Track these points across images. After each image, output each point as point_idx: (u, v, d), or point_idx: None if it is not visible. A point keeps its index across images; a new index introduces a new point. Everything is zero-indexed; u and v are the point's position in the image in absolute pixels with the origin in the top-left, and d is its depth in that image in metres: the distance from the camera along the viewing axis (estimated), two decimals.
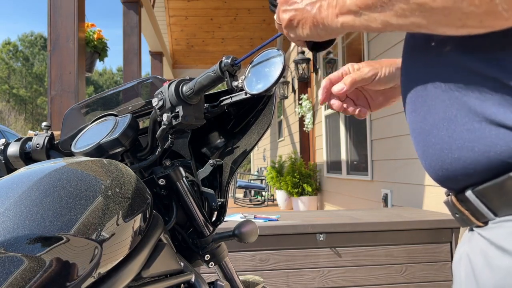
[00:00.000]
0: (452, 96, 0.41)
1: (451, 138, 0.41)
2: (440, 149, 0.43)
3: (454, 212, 0.46)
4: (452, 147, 0.41)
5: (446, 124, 0.42)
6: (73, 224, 0.47)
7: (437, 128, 0.43)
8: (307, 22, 0.50)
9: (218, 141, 0.82)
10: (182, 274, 0.65)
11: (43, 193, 0.48)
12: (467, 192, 0.42)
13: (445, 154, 0.42)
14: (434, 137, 0.44)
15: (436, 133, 0.43)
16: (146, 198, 0.59)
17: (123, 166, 0.61)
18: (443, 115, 0.42)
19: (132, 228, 0.54)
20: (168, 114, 0.66)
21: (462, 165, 0.41)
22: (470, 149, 0.39)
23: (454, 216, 0.47)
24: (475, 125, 0.39)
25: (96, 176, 0.55)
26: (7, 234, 0.43)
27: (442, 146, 0.42)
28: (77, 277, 0.45)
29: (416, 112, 0.46)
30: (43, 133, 0.80)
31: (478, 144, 0.39)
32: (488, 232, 0.41)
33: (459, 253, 0.47)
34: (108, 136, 0.70)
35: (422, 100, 0.45)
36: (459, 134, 0.40)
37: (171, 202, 0.73)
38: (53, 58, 2.38)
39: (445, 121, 0.42)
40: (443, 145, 0.42)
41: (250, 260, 1.88)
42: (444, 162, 0.43)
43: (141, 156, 0.74)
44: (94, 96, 0.85)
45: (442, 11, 0.36)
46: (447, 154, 0.42)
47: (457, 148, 0.41)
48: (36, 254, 0.43)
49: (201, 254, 0.76)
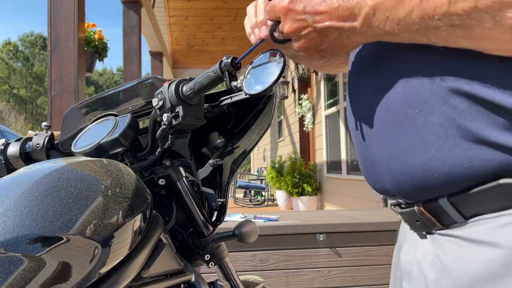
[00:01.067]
0: (434, 112, 0.43)
1: (431, 156, 0.44)
2: (420, 165, 0.45)
3: (415, 220, 0.50)
4: (432, 164, 0.44)
5: (427, 142, 0.44)
6: (73, 224, 0.47)
7: (416, 146, 0.45)
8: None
9: (218, 141, 0.82)
10: (182, 274, 0.65)
11: (43, 193, 0.48)
12: (441, 200, 0.45)
13: (425, 170, 0.45)
14: (413, 154, 0.45)
15: (416, 151, 0.45)
16: (146, 198, 0.59)
17: (123, 166, 0.61)
18: (424, 134, 0.44)
19: (132, 228, 0.54)
20: (168, 114, 0.66)
21: (442, 178, 0.44)
22: (449, 164, 0.43)
23: (413, 223, 0.51)
24: (459, 141, 0.42)
25: (96, 176, 0.55)
26: (7, 234, 0.43)
27: (422, 163, 0.45)
28: (77, 277, 0.45)
29: (390, 132, 0.48)
30: (43, 133, 0.80)
31: (459, 160, 0.42)
32: (462, 232, 0.44)
33: (420, 254, 0.50)
34: (108, 136, 0.70)
35: (398, 117, 0.47)
36: (441, 151, 0.43)
37: (171, 202, 0.73)
38: (53, 58, 2.38)
39: (425, 139, 0.44)
40: (422, 162, 0.45)
41: (250, 260, 1.88)
42: (420, 176, 0.45)
43: (141, 156, 0.74)
44: (94, 96, 0.85)
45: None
46: (426, 170, 0.45)
47: (437, 164, 0.43)
48: (36, 254, 0.43)
49: (201, 254, 0.76)
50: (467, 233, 0.43)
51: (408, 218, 0.51)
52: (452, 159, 0.42)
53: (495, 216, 0.41)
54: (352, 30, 0.45)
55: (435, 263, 0.46)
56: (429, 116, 0.43)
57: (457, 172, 0.42)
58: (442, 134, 0.42)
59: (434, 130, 0.43)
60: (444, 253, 0.45)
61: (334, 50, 0.48)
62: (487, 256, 0.40)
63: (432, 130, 0.43)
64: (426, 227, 0.49)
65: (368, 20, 0.43)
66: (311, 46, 0.49)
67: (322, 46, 0.48)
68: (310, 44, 0.49)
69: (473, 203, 0.43)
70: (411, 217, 0.50)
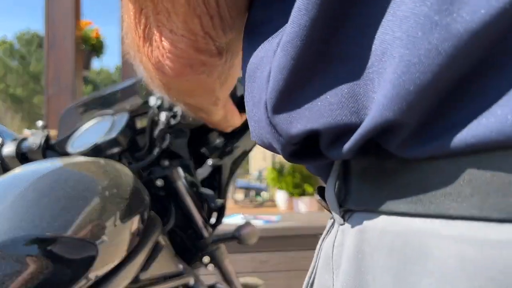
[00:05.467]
0: None
1: None
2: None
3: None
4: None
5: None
6: (70, 226, 0.46)
7: None
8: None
9: (217, 141, 0.81)
10: (181, 277, 0.64)
11: (40, 194, 0.48)
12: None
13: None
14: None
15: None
16: (144, 199, 0.58)
17: (121, 166, 0.60)
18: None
19: (130, 230, 0.53)
20: (166, 113, 0.65)
21: None
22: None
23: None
24: None
25: (94, 177, 0.54)
26: (3, 235, 0.43)
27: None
28: (74, 280, 0.45)
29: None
30: (39, 133, 0.78)
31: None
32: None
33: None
34: (106, 136, 0.69)
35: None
36: None
37: (169, 203, 0.73)
38: (50, 57, 2.36)
39: None
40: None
41: (250, 262, 1.87)
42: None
43: (139, 156, 0.73)
44: (92, 95, 0.84)
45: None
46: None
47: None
48: (32, 255, 0.43)
49: (200, 256, 0.75)
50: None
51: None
52: None
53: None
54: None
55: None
56: None
57: None
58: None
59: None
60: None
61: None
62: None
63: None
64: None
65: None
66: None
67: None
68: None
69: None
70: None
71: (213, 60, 0.33)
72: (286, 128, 0.24)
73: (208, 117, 0.54)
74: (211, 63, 0.33)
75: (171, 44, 0.31)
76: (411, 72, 0.18)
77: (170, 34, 0.30)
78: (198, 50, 0.31)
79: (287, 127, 0.23)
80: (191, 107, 0.47)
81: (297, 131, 0.23)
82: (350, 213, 0.26)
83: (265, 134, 0.26)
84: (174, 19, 0.29)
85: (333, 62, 0.22)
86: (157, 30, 0.31)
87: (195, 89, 0.38)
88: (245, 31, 0.30)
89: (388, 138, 0.21)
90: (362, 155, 0.24)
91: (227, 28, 0.31)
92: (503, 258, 0.17)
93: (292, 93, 0.23)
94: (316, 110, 0.22)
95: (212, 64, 0.34)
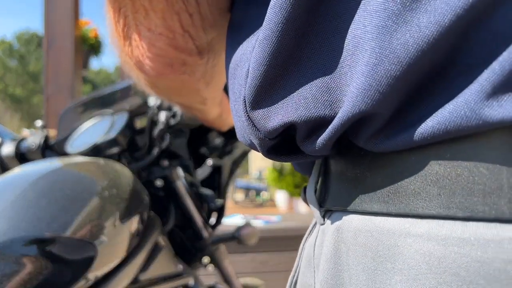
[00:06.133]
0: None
1: None
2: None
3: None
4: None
5: None
6: (69, 226, 0.46)
7: None
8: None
9: (217, 141, 0.81)
10: (180, 277, 0.64)
11: (39, 195, 0.48)
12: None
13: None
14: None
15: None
16: (143, 199, 0.58)
17: (120, 166, 0.60)
18: None
19: (129, 230, 0.53)
20: (166, 113, 0.65)
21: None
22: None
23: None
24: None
25: (93, 177, 0.54)
26: (2, 236, 0.43)
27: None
28: (73, 280, 0.45)
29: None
30: (38, 133, 0.78)
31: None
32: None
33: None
34: (105, 136, 0.69)
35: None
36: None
37: (169, 204, 0.72)
38: (49, 57, 2.36)
39: None
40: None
41: (250, 262, 1.86)
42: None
43: (139, 156, 0.72)
44: (91, 95, 0.84)
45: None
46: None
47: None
48: (31, 255, 0.42)
49: (200, 256, 0.75)
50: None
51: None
52: None
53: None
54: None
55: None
56: None
57: None
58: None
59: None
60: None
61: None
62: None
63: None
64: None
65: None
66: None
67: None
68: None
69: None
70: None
71: (193, 59, 0.33)
72: (264, 123, 0.24)
73: (202, 115, 0.54)
74: (191, 62, 0.33)
75: (150, 43, 0.31)
76: (383, 64, 0.18)
77: (148, 33, 0.30)
78: (177, 49, 0.31)
79: (265, 121, 0.24)
80: (182, 106, 0.47)
81: (274, 125, 0.24)
82: (330, 213, 0.27)
83: (245, 130, 0.26)
84: (152, 16, 0.29)
85: (308, 57, 0.22)
86: (135, 29, 0.30)
87: (179, 89, 0.38)
88: (227, 30, 0.30)
89: (360, 131, 0.21)
90: (339, 154, 0.25)
91: (208, 27, 0.31)
92: (466, 255, 0.17)
93: (269, 89, 0.23)
94: (292, 104, 0.23)
95: (193, 63, 0.33)
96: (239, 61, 0.26)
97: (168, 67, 0.33)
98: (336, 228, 0.25)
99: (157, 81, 0.35)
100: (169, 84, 0.36)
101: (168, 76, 0.34)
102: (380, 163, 0.22)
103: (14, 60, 27.35)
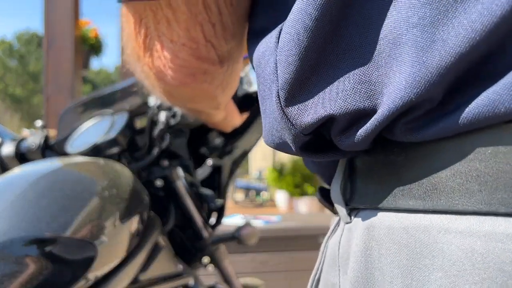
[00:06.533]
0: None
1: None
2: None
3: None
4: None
5: None
6: (69, 226, 0.46)
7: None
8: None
9: (217, 141, 0.81)
10: (180, 277, 0.64)
11: (39, 195, 0.48)
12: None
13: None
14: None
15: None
16: (143, 199, 0.58)
17: (120, 166, 0.60)
18: None
19: (129, 230, 0.53)
20: (166, 113, 0.65)
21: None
22: None
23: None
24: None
25: (93, 177, 0.54)
26: (2, 236, 0.43)
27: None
28: (73, 280, 0.44)
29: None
30: (38, 133, 0.78)
31: None
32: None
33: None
34: (105, 136, 0.69)
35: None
36: None
37: (169, 204, 0.72)
38: (49, 57, 2.36)
39: None
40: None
41: (250, 262, 1.86)
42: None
43: (139, 156, 0.72)
44: (91, 95, 0.84)
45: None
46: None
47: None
48: (31, 255, 0.42)
49: (200, 256, 0.75)
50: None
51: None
52: None
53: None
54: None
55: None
56: None
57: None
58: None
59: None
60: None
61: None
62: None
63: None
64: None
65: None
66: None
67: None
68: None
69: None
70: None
71: (215, 68, 0.33)
72: (300, 118, 0.24)
73: (209, 118, 0.54)
74: (212, 71, 0.33)
75: (172, 53, 0.31)
76: (433, 55, 0.18)
77: (171, 44, 0.30)
78: (200, 59, 0.31)
79: (301, 116, 0.24)
80: (192, 111, 0.47)
81: (311, 119, 0.23)
82: (356, 211, 0.27)
83: (277, 127, 0.26)
84: (175, 27, 0.29)
85: (342, 50, 0.22)
86: (157, 40, 0.30)
87: (197, 96, 0.38)
88: (248, 35, 0.30)
89: (399, 122, 0.21)
90: (367, 152, 0.24)
91: (229, 36, 0.31)
92: (511, 251, 0.17)
93: (304, 83, 0.23)
94: (329, 97, 0.23)
95: (214, 72, 0.34)
96: (261, 58, 0.26)
97: (190, 77, 0.33)
98: (366, 226, 0.24)
99: (176, 90, 0.36)
100: (188, 92, 0.36)
101: (189, 86, 0.34)
102: (416, 159, 0.22)
103: (14, 60, 27.33)
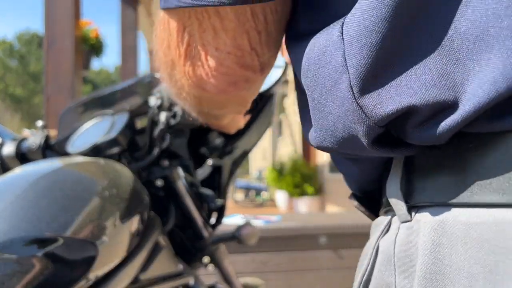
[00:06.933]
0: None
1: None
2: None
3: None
4: None
5: None
6: (69, 226, 0.46)
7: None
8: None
9: (217, 141, 0.81)
10: (180, 277, 0.64)
11: (39, 195, 0.48)
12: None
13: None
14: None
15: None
16: (143, 199, 0.58)
17: (121, 166, 0.60)
18: None
19: (129, 230, 0.53)
20: (166, 113, 0.65)
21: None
22: None
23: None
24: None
25: (93, 177, 0.54)
26: (2, 236, 0.43)
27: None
28: (73, 280, 0.44)
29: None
30: (39, 133, 0.78)
31: None
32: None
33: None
34: (105, 136, 0.69)
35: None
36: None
37: (169, 203, 0.72)
38: (49, 57, 2.36)
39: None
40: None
41: (250, 262, 1.86)
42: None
43: (139, 156, 0.72)
44: (91, 95, 0.84)
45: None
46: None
47: None
48: (32, 255, 0.42)
49: (200, 256, 0.75)
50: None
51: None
52: None
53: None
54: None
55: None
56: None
57: None
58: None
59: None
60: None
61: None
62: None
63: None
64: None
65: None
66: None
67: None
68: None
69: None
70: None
71: (256, 76, 0.33)
72: (376, 109, 0.23)
73: (218, 122, 0.54)
74: (254, 79, 0.33)
75: (218, 62, 0.31)
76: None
77: (216, 52, 0.30)
78: (243, 67, 0.31)
79: (377, 107, 0.23)
80: (206, 115, 0.45)
81: (388, 110, 0.23)
82: (417, 209, 0.26)
83: (344, 121, 0.25)
84: (221, 36, 0.29)
85: (420, 40, 0.22)
86: (202, 49, 0.30)
87: (230, 102, 0.38)
88: (290, 39, 0.30)
89: (487, 112, 0.21)
90: (433, 147, 0.24)
91: (272, 44, 0.31)
92: None
93: (380, 73, 0.23)
94: (407, 88, 0.22)
95: (255, 80, 0.34)
96: (323, 52, 0.25)
97: (232, 85, 0.33)
98: (436, 223, 0.24)
99: (211, 97, 0.35)
100: (223, 99, 0.36)
101: (229, 94, 0.34)
102: (495, 152, 0.21)
103: (15, 60, 27.33)
